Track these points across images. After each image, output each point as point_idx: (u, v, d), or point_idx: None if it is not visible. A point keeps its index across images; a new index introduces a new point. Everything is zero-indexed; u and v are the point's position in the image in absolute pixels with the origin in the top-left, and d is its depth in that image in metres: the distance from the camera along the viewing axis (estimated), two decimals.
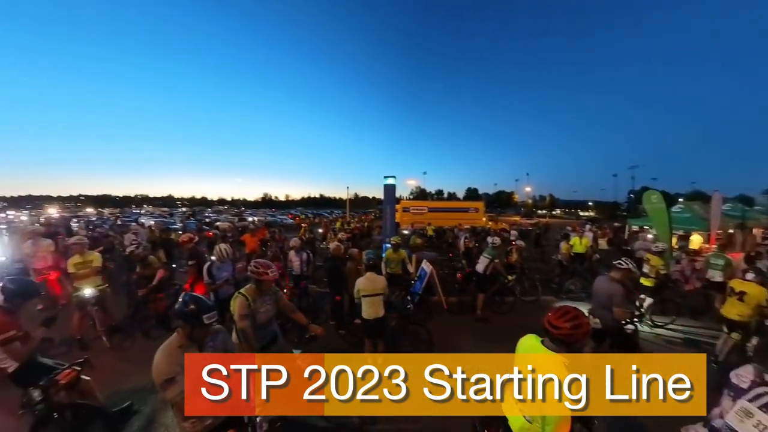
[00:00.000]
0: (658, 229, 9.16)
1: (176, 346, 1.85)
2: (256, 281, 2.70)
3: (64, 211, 35.58)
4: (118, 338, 4.70)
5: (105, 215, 30.80)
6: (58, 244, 7.06)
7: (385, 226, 8.41)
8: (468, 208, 20.77)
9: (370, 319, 3.69)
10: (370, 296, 3.67)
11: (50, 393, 2.52)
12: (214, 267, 4.43)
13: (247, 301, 2.63)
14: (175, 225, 17.93)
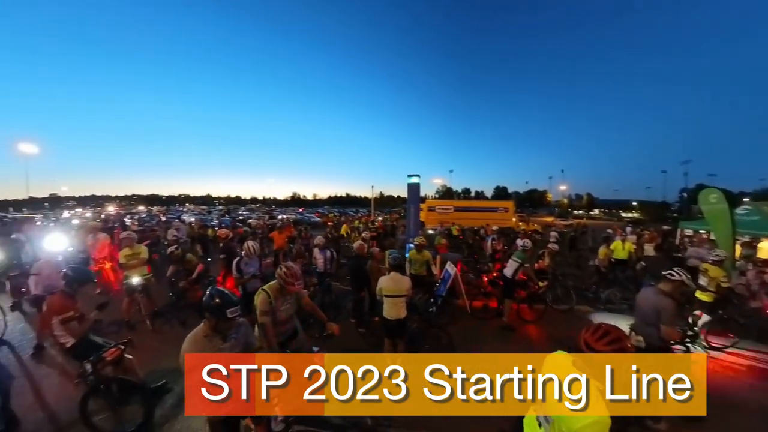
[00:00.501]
0: (717, 233, 8.19)
1: (202, 335, 1.98)
2: (281, 285, 2.80)
3: (120, 209, 39.62)
4: (160, 323, 5.19)
5: (153, 212, 33.76)
6: (113, 237, 7.88)
7: (408, 226, 8.29)
8: (497, 208, 19.86)
9: (391, 319, 3.64)
10: (392, 296, 3.61)
11: (98, 367, 2.84)
12: (242, 262, 4.70)
13: (269, 299, 2.73)
14: (212, 222, 19.21)
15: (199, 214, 29.77)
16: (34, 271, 4.77)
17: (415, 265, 5.67)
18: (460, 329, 5.01)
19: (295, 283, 2.76)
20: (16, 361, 4.22)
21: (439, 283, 5.80)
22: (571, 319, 5.73)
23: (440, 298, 5.48)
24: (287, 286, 2.75)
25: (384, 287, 3.66)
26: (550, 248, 6.68)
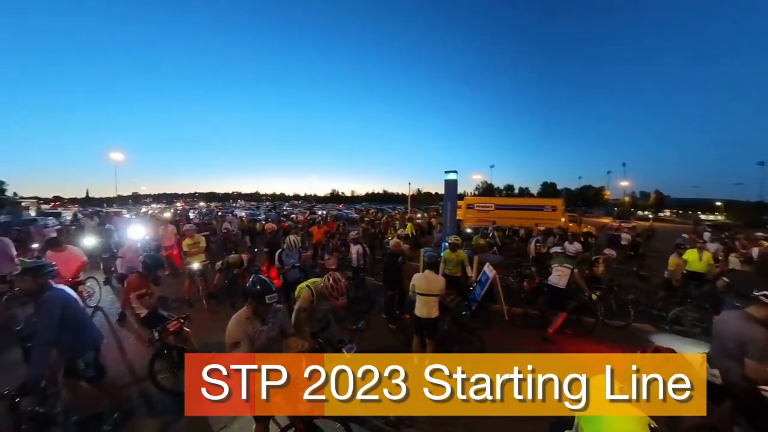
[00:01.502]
0: None
1: (244, 317, 2.16)
2: (325, 293, 2.84)
3: (185, 205, 44.73)
4: (213, 303, 5.89)
5: (211, 208, 37.56)
6: (179, 229, 9.04)
7: (445, 224, 7.98)
8: (543, 206, 17.92)
9: (422, 318, 3.59)
10: (425, 295, 3.56)
11: (163, 336, 3.35)
12: (284, 254, 5.09)
13: (311, 298, 2.84)
14: (260, 216, 20.84)
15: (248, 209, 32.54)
16: (120, 254, 5.74)
17: (449, 265, 5.44)
18: (494, 336, 4.74)
19: (339, 298, 2.81)
20: (106, 323, 5.20)
21: (474, 285, 5.53)
22: (625, 337, 4.97)
23: (475, 303, 5.24)
24: (330, 298, 2.81)
25: (417, 285, 3.61)
26: (605, 254, 5.89)
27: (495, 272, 5.45)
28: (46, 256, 4.54)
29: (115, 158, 27.31)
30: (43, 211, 23.18)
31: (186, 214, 19.01)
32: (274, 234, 7.15)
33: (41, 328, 2.40)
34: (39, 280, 2.51)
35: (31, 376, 2.25)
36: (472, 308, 5.11)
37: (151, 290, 3.77)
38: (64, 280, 4.35)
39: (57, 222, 14.61)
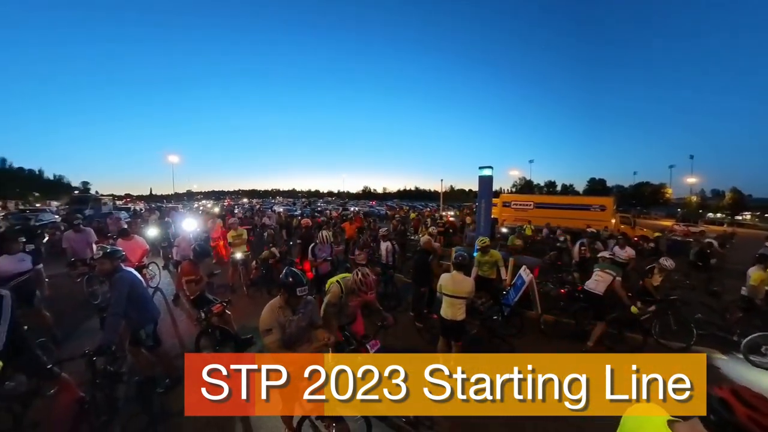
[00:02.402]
0: None
1: (277, 306, 2.28)
2: (354, 288, 2.86)
3: (230, 201, 48.51)
4: (253, 290, 6.40)
5: (252, 204, 40.32)
6: (225, 223, 9.89)
7: (479, 223, 7.69)
8: (590, 205, 15.90)
9: (446, 319, 3.52)
10: (450, 296, 3.49)
11: (208, 316, 3.75)
12: (317, 248, 5.33)
13: (341, 293, 2.88)
14: (296, 212, 21.92)
15: (286, 205, 34.49)
16: (176, 243, 6.49)
17: (483, 266, 5.15)
18: (527, 344, 4.44)
19: (368, 292, 2.82)
20: (164, 302, 5.93)
21: (509, 289, 5.21)
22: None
23: (508, 308, 4.96)
24: (359, 293, 2.83)
25: (443, 285, 3.55)
26: (662, 264, 4.95)
27: (532, 276, 5.12)
28: (117, 244, 5.26)
29: (172, 160, 31.15)
30: (117, 206, 26.80)
31: (231, 209, 20.65)
32: (309, 228, 7.51)
33: (113, 303, 2.84)
34: (114, 263, 2.98)
35: (104, 341, 2.69)
36: (504, 313, 4.84)
37: (201, 276, 4.23)
38: (131, 263, 5.04)
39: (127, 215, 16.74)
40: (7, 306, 2.47)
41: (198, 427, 2.89)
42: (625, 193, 66.21)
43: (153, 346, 3.19)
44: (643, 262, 6.58)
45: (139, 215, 16.36)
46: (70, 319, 4.97)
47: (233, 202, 41.46)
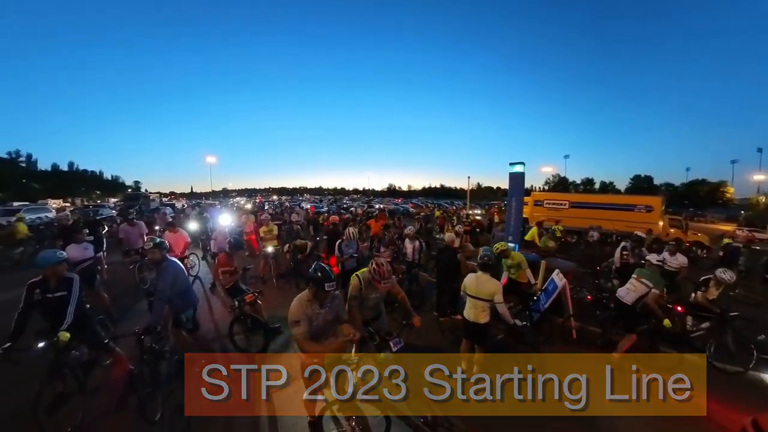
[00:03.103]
0: None
1: (305, 299, 2.35)
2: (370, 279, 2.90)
3: (262, 198, 50.93)
4: (282, 282, 6.69)
5: (282, 201, 42.06)
6: (257, 218, 10.44)
7: (508, 222, 7.26)
8: (633, 205, 14.04)
9: (469, 321, 3.44)
10: (473, 297, 3.41)
11: (241, 305, 3.99)
12: (343, 244, 5.45)
13: (360, 286, 2.95)
14: (323, 209, 22.47)
15: (312, 203, 35.51)
16: (213, 237, 6.97)
17: (512, 269, 4.96)
18: (555, 354, 4.22)
19: (381, 282, 2.83)
20: (202, 290, 6.42)
21: (539, 294, 4.93)
22: (737, 386, 3.71)
23: (537, 313, 4.70)
24: (374, 282, 2.87)
25: (467, 285, 3.49)
26: (719, 277, 4.36)
27: (565, 281, 4.79)
28: (164, 236, 5.76)
29: (210, 161, 33.61)
30: (163, 202, 29.31)
31: (262, 206, 21.72)
32: (335, 225, 7.69)
33: (160, 289, 3.15)
34: (162, 253, 3.30)
35: (151, 322, 3.01)
36: (533, 319, 4.61)
37: (235, 268, 4.51)
38: (175, 254, 5.51)
39: (172, 211, 18.23)
40: (76, 287, 2.88)
41: (228, 404, 3.10)
42: (676, 191, 58.78)
43: (192, 330, 3.48)
44: (698, 272, 5.88)
45: (181, 211, 17.76)
46: (122, 301, 5.55)
47: (264, 199, 43.55)
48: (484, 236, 12.42)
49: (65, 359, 2.79)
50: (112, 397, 3.05)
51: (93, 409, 2.91)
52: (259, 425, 2.90)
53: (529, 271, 4.91)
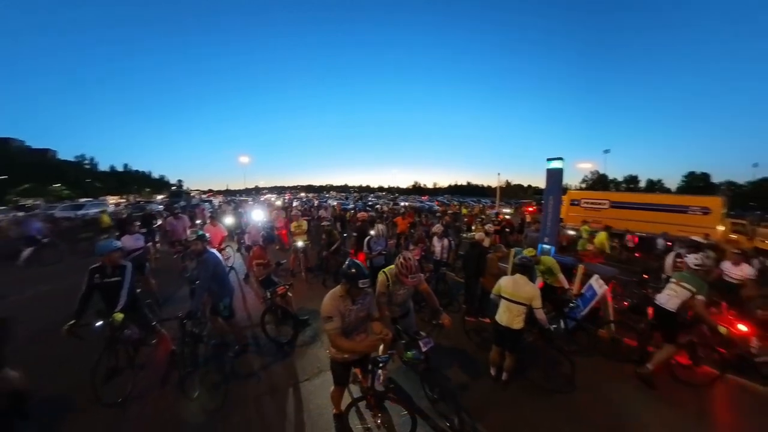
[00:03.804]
0: None
1: (338, 295, 2.35)
2: (397, 274, 2.86)
3: (291, 195, 52.79)
4: (311, 276, 6.86)
5: (309, 197, 43.30)
6: (288, 214, 10.84)
7: (544, 222, 6.67)
8: (687, 207, 12.19)
9: (501, 325, 3.23)
10: (509, 300, 3.20)
11: (273, 296, 4.15)
12: (372, 241, 5.48)
13: (387, 282, 2.92)
14: (350, 206, 22.79)
15: (339, 200, 36.21)
16: (247, 231, 7.30)
17: (545, 274, 4.66)
18: (590, 363, 3.84)
19: (408, 276, 2.80)
20: (236, 280, 6.73)
21: (576, 301, 4.56)
22: None
23: (572, 322, 4.39)
24: (401, 277, 2.85)
25: (503, 287, 3.28)
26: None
27: (606, 288, 4.42)
28: (204, 229, 6.15)
29: (243, 161, 36.11)
30: (202, 199, 31.51)
31: (290, 202, 22.61)
32: (364, 222, 7.73)
33: (201, 278, 3.37)
34: (204, 245, 3.54)
35: (193, 308, 3.22)
36: (567, 327, 4.28)
37: (269, 261, 4.69)
38: (213, 246, 5.86)
39: (210, 206, 19.52)
40: (129, 273, 3.18)
41: (259, 390, 3.25)
42: (740, 191, 51.24)
43: (228, 317, 3.67)
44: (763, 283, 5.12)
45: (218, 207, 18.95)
46: (167, 287, 6.01)
47: (292, 196, 45.15)
48: (514, 236, 11.90)
49: (119, 337, 3.10)
50: (157, 373, 3.34)
51: (140, 383, 3.20)
52: (286, 412, 2.99)
53: (562, 276, 4.56)
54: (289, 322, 4.19)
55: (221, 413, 2.93)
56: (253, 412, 2.99)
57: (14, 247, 8.28)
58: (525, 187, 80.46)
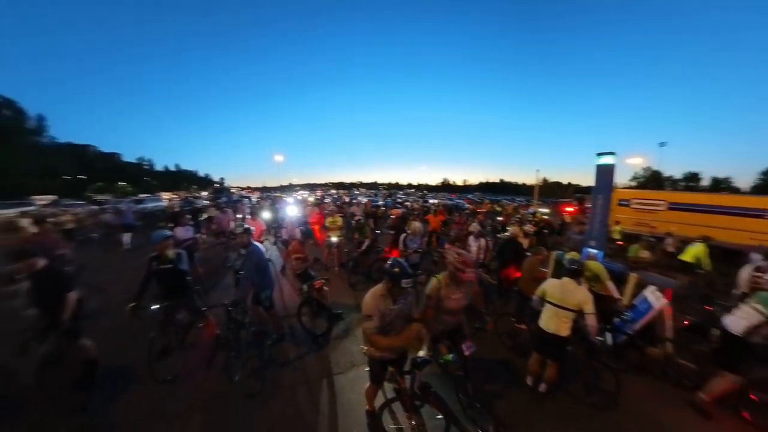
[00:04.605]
0: None
1: (379, 294, 2.30)
2: (452, 272, 2.67)
3: (322, 192, 54.38)
4: (344, 271, 6.93)
5: (339, 194, 44.26)
6: (321, 210, 11.12)
7: (593, 224, 6.11)
8: (765, 210, 11.11)
9: (546, 332, 2.99)
10: (556, 306, 2.97)
11: (309, 289, 4.25)
12: (408, 238, 5.43)
13: (438, 286, 2.72)
14: (379, 202, 22.87)
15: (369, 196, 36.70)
16: (283, 226, 7.60)
17: (591, 281, 4.28)
18: (640, 385, 3.46)
19: (466, 270, 2.61)
20: (274, 272, 6.80)
21: (627, 313, 4.06)
22: None
23: (621, 335, 3.91)
24: (458, 273, 2.62)
25: (548, 291, 3.06)
26: None
27: (664, 302, 3.86)
28: (246, 223, 6.49)
29: (277, 159, 38.11)
30: (241, 195, 33.69)
31: (322, 199, 23.31)
32: (399, 219, 7.70)
33: (246, 269, 3.57)
34: (248, 238, 3.75)
35: (237, 297, 3.43)
36: (615, 341, 3.81)
37: (306, 255, 4.82)
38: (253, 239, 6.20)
39: (249, 202, 20.75)
40: (185, 260, 3.48)
41: (295, 379, 3.36)
42: None
43: (268, 307, 3.84)
44: None
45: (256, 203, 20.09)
46: (211, 276, 6.44)
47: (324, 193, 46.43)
48: (553, 238, 11.15)
49: (171, 319, 3.38)
50: (203, 355, 3.58)
51: (188, 363, 3.46)
52: (320, 403, 3.04)
53: (611, 284, 4.12)
54: (324, 315, 4.27)
55: (260, 399, 3.05)
56: (288, 400, 3.07)
57: (115, 235, 9.90)
58: (564, 185, 74.93)
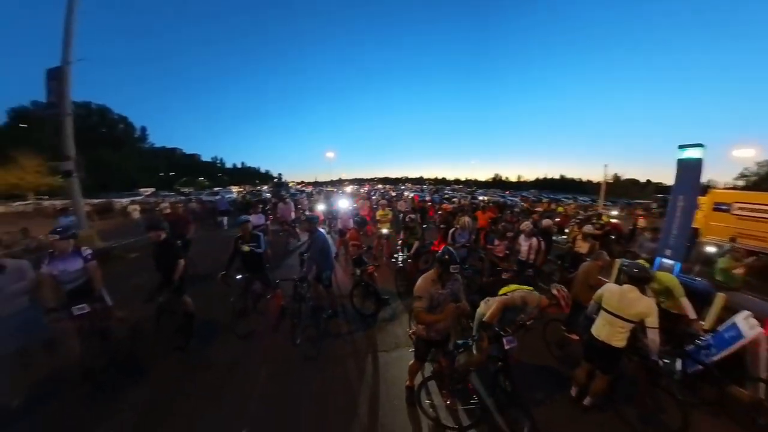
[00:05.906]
0: None
1: (430, 278, 2.55)
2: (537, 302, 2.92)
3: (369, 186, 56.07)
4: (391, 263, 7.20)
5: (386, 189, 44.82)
6: (370, 203, 11.66)
7: (668, 229, 5.10)
8: None
9: (598, 339, 2.79)
10: (611, 314, 2.75)
11: (362, 274, 4.68)
12: (456, 233, 5.56)
13: (521, 304, 2.96)
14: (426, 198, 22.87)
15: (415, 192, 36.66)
16: (339, 217, 8.22)
17: (660, 297, 3.77)
18: (713, 426, 2.91)
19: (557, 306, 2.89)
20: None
21: (705, 339, 3.41)
22: None
23: (694, 364, 3.31)
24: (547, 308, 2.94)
25: (606, 298, 2.82)
26: None
27: (761, 333, 3.13)
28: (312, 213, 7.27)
29: (329, 156, 40.92)
30: (298, 189, 36.78)
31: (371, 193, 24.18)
32: (448, 214, 7.79)
33: (312, 251, 4.18)
34: (312, 225, 4.35)
35: (302, 275, 4.03)
36: (687, 370, 3.30)
37: (361, 243, 5.24)
38: None
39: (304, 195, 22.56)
40: (260, 241, 4.16)
41: (345, 351, 3.78)
42: None
43: (327, 286, 4.36)
44: None
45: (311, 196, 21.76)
46: (276, 258, 7.26)
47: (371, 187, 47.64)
48: (621, 245, 9.80)
49: (249, 288, 4.14)
50: (271, 321, 4.30)
51: (260, 325, 4.21)
52: (365, 375, 3.40)
53: (686, 301, 3.54)
54: (373, 298, 4.64)
55: (316, 362, 3.54)
56: (339, 367, 3.50)
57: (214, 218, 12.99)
58: (642, 183, 63.78)
